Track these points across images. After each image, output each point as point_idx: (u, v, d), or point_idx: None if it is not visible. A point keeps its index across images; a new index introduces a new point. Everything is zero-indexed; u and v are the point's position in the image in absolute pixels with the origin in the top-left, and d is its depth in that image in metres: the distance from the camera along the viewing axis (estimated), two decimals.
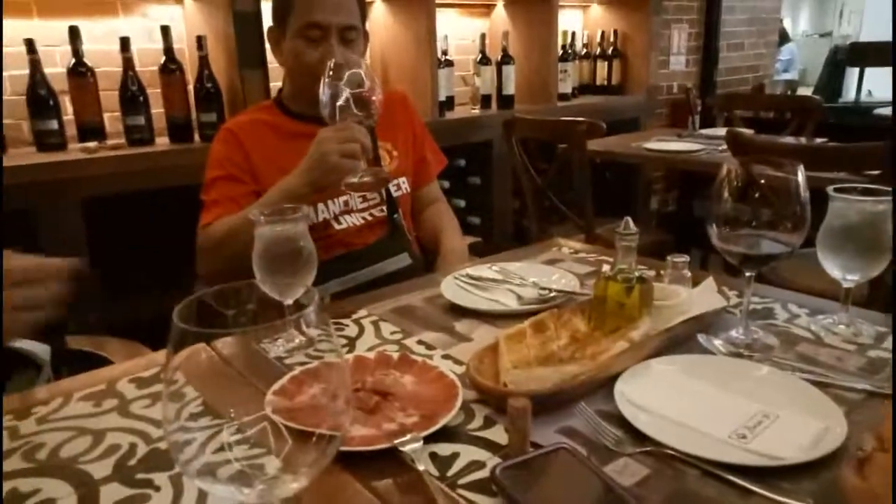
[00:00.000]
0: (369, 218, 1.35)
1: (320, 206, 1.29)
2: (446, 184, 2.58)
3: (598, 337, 0.79)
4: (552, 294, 0.97)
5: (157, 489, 0.58)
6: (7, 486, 0.59)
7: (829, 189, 0.83)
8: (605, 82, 3.45)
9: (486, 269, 1.08)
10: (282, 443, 0.44)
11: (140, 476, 0.60)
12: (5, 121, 1.93)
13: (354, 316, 0.96)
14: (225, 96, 2.14)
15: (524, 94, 3.03)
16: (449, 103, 2.76)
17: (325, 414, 0.45)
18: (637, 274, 0.80)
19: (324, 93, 1.06)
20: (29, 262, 0.67)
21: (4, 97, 1.94)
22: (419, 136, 1.50)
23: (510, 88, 2.91)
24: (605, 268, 1.08)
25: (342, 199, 1.32)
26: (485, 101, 2.88)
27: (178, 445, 0.42)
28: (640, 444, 0.62)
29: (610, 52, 3.42)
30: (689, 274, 0.91)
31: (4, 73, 1.94)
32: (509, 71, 2.90)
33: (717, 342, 0.80)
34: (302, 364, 0.48)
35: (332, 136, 1.06)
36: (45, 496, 0.58)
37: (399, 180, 1.42)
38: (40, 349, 0.99)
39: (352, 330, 0.92)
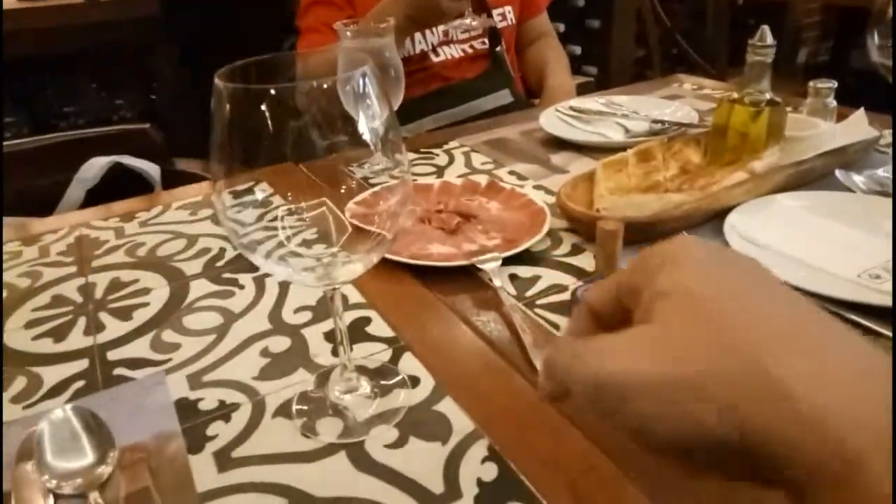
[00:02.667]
0: (469, 50, 1.26)
1: (417, 35, 1.20)
2: (561, 27, 2.36)
3: (713, 169, 0.70)
4: (665, 126, 0.86)
5: (241, 287, 0.59)
6: (109, 275, 0.63)
7: None
8: None
9: (591, 102, 0.98)
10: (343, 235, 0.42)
11: (227, 275, 0.62)
12: None
13: (445, 146, 0.92)
14: None
15: None
16: None
17: (384, 217, 0.42)
18: (768, 97, 0.68)
19: None
20: None
21: None
22: None
23: None
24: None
25: (441, 28, 1.23)
26: None
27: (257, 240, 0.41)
28: None
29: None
30: (835, 104, 0.77)
31: None
32: None
33: (859, 179, 0.68)
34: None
35: None
36: (141, 286, 0.61)
37: (504, 9, 1.29)
38: (152, 169, 1.04)
39: (441, 159, 0.88)
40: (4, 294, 0.61)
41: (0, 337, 0.54)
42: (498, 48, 1.26)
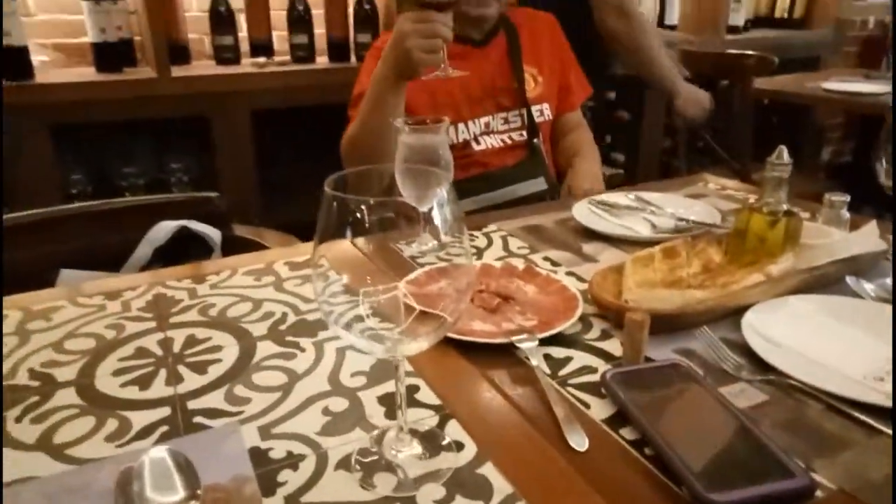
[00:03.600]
0: (508, 141, 1.37)
1: (460, 126, 1.32)
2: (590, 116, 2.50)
3: (733, 269, 0.76)
4: (689, 225, 0.94)
5: (303, 350, 0.67)
6: (185, 331, 0.71)
7: None
8: (786, 14, 3.10)
9: (621, 196, 1.06)
10: (407, 316, 0.48)
11: (289, 338, 0.69)
12: (191, 35, 2.13)
13: (484, 229, 1.00)
14: (381, 17, 2.20)
15: (688, 25, 2.82)
16: None
17: (446, 301, 0.48)
18: (785, 208, 0.75)
19: None
20: None
21: (191, 14, 2.14)
22: (565, 61, 1.46)
23: (673, 18, 2.72)
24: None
25: (483, 119, 1.34)
26: None
27: (325, 312, 0.48)
28: (763, 373, 0.60)
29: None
30: (848, 216, 0.84)
31: None
32: None
33: (868, 286, 0.74)
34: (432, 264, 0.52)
35: (414, 29, 1.04)
36: (214, 343, 0.68)
37: (542, 106, 1.41)
38: (214, 234, 1.14)
39: (481, 241, 0.96)
40: (94, 343, 0.69)
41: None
42: (535, 140, 1.37)
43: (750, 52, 2.04)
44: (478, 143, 1.34)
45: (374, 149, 1.16)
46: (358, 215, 0.45)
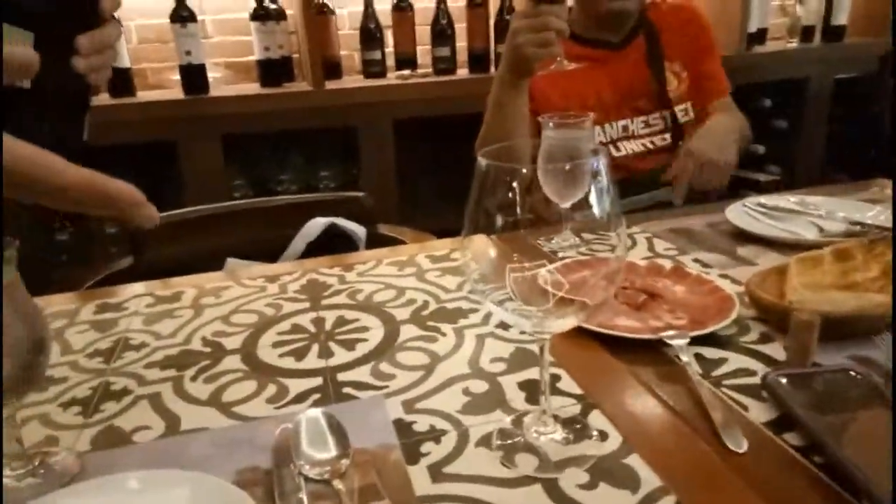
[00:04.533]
0: (651, 146, 1.32)
1: (597, 129, 1.28)
2: None
3: None
4: (864, 230, 0.84)
5: (444, 335, 0.68)
6: (335, 313, 0.75)
7: None
8: None
9: (782, 200, 0.98)
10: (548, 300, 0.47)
11: (431, 324, 0.71)
12: (343, 52, 2.28)
13: (627, 231, 0.96)
14: None
15: (860, 26, 2.56)
16: (759, 35, 2.46)
17: (589, 289, 0.47)
18: None
19: None
20: None
21: (343, 32, 2.29)
22: (704, 48, 1.37)
23: (841, 18, 2.48)
24: None
25: (621, 123, 1.31)
26: (805, 32, 2.51)
27: (474, 290, 0.48)
28: None
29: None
30: None
31: (345, 10, 2.29)
32: None
33: None
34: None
35: (526, 25, 1.03)
36: (361, 324, 0.72)
37: (686, 105, 1.34)
38: (360, 230, 1.20)
39: (615, 240, 0.92)
40: (255, 319, 0.75)
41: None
42: (681, 142, 1.30)
43: None
44: (618, 148, 1.30)
45: (506, 155, 1.15)
46: (509, 194, 0.46)
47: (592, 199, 0.44)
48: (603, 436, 0.50)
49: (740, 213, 0.95)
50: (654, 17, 1.37)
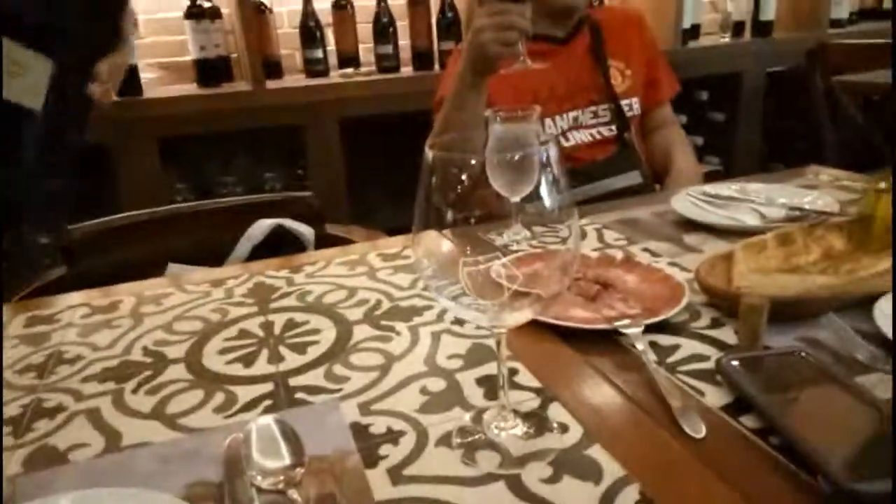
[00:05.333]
0: (598, 136, 1.33)
1: (547, 121, 1.29)
2: (683, 118, 2.41)
3: (859, 256, 0.70)
4: (803, 214, 0.87)
5: (398, 333, 0.66)
6: (285, 316, 0.72)
7: None
8: None
9: (724, 187, 1.01)
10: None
11: (384, 323, 0.69)
12: (283, 51, 2.22)
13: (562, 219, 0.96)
14: (463, 25, 2.22)
15: (785, 21, 2.67)
16: (693, 31, 2.54)
17: (544, 280, 0.46)
18: None
19: None
20: None
21: (282, 30, 2.23)
22: (652, 57, 1.42)
23: (769, 13, 2.58)
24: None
25: (571, 114, 1.32)
26: (736, 28, 2.60)
27: (428, 286, 0.47)
28: None
29: None
30: None
31: (283, 9, 2.24)
32: None
33: None
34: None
35: (489, 23, 1.02)
36: (312, 326, 0.69)
37: (631, 100, 1.37)
38: (308, 231, 1.17)
39: (565, 232, 0.92)
40: (200, 326, 0.71)
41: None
42: (626, 134, 1.33)
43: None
44: (567, 139, 1.31)
45: (458, 148, 1.15)
46: (458, 187, 0.45)
47: (543, 191, 0.44)
48: (563, 428, 0.50)
49: (685, 202, 0.97)
50: (599, 16, 1.39)
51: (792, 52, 2.53)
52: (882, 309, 0.60)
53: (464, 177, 0.47)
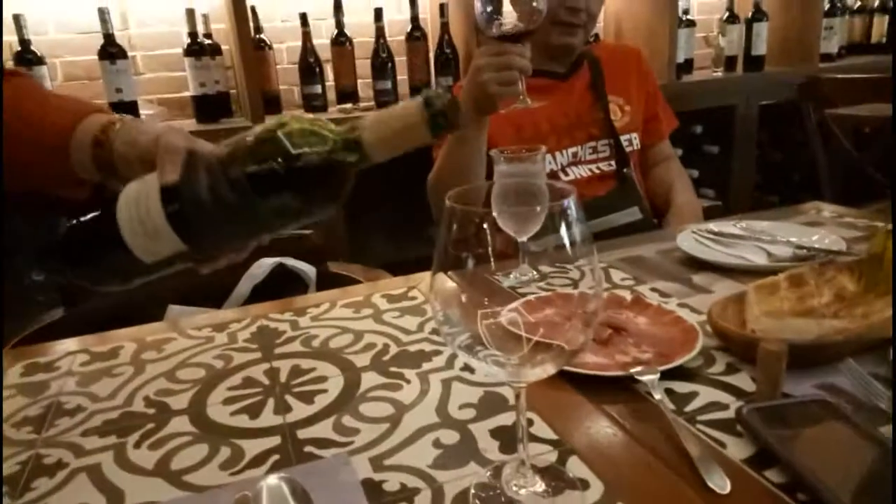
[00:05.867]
0: (597, 171, 1.34)
1: (548, 157, 1.30)
2: (679, 151, 2.42)
3: (871, 299, 0.69)
4: (811, 253, 0.87)
5: (408, 381, 0.65)
6: (290, 362, 0.71)
7: None
8: (884, 39, 2.94)
9: (729, 225, 1.00)
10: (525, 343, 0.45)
11: (393, 369, 0.67)
12: (282, 86, 2.24)
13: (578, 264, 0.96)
14: (462, 61, 2.24)
15: (776, 55, 2.72)
16: (687, 66, 2.57)
17: (559, 330, 0.45)
18: None
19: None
20: None
21: (282, 66, 2.25)
22: (651, 93, 1.44)
23: (760, 48, 2.62)
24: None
25: (570, 150, 1.32)
26: (729, 62, 2.64)
27: (443, 335, 0.46)
28: None
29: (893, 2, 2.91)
30: None
31: (283, 45, 2.26)
32: (761, 28, 2.61)
33: None
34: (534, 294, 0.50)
35: (489, 63, 1.03)
36: (319, 374, 0.68)
37: (630, 136, 1.38)
38: (309, 270, 1.16)
39: (574, 273, 0.92)
40: (203, 373, 0.70)
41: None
42: (626, 169, 1.33)
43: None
44: (566, 173, 1.32)
45: (459, 186, 1.15)
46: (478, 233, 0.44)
47: (563, 232, 0.43)
48: (584, 484, 0.48)
49: (690, 240, 0.97)
50: (598, 52, 1.41)
51: (784, 86, 2.56)
52: None
53: (484, 225, 0.46)
